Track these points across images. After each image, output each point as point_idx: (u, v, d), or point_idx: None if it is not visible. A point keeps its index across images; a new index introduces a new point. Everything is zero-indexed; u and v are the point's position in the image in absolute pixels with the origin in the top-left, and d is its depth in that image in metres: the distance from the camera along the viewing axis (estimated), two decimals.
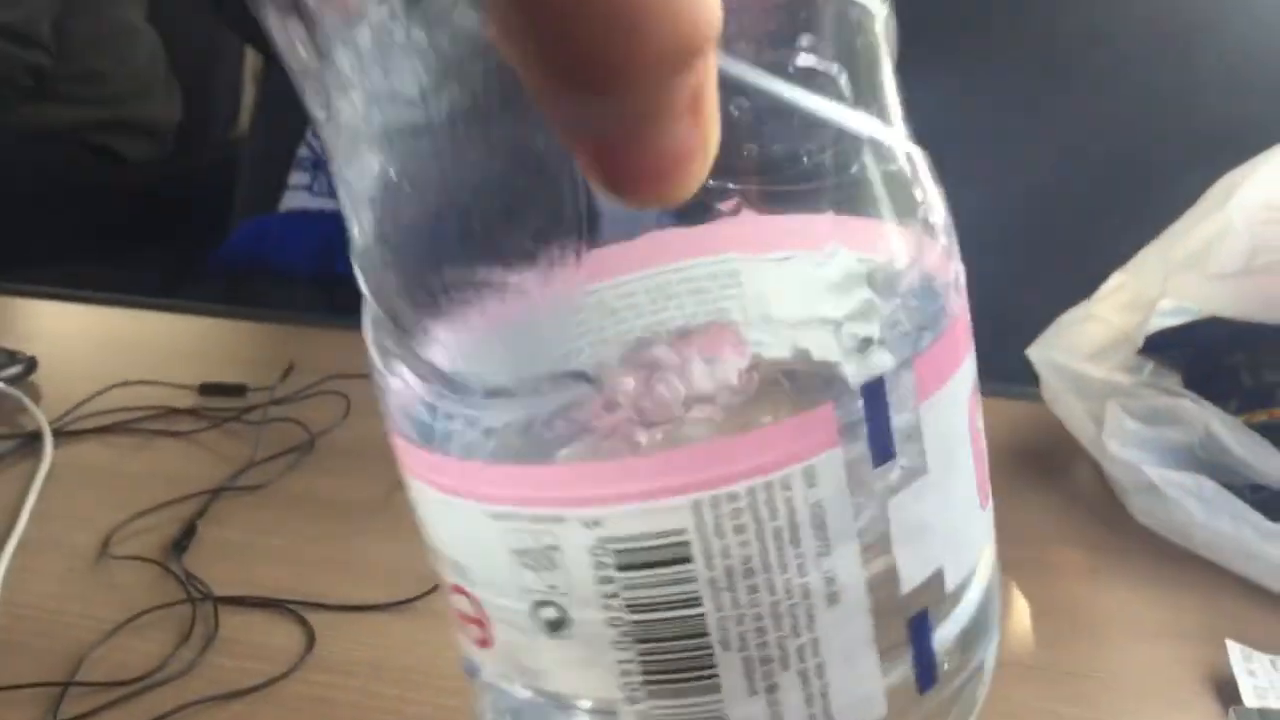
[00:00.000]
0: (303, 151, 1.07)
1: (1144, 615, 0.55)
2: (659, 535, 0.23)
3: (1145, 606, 0.56)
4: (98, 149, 1.55)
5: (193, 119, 1.65)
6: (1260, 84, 0.92)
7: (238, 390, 0.73)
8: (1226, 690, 0.49)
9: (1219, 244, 0.62)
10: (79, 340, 0.85)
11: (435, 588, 0.55)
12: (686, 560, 0.23)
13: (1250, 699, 0.48)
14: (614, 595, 0.24)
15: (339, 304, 0.83)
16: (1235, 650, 0.51)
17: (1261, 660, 0.51)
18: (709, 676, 0.24)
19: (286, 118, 1.07)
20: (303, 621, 0.53)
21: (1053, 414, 0.66)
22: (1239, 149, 0.66)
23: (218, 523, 0.61)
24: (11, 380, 0.73)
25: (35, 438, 0.68)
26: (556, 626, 0.25)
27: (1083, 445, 0.64)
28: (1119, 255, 0.68)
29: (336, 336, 0.81)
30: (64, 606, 0.54)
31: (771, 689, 0.24)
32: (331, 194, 1.01)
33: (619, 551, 0.24)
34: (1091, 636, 0.53)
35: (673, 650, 0.24)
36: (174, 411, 0.71)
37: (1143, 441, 0.62)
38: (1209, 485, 0.60)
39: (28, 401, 0.71)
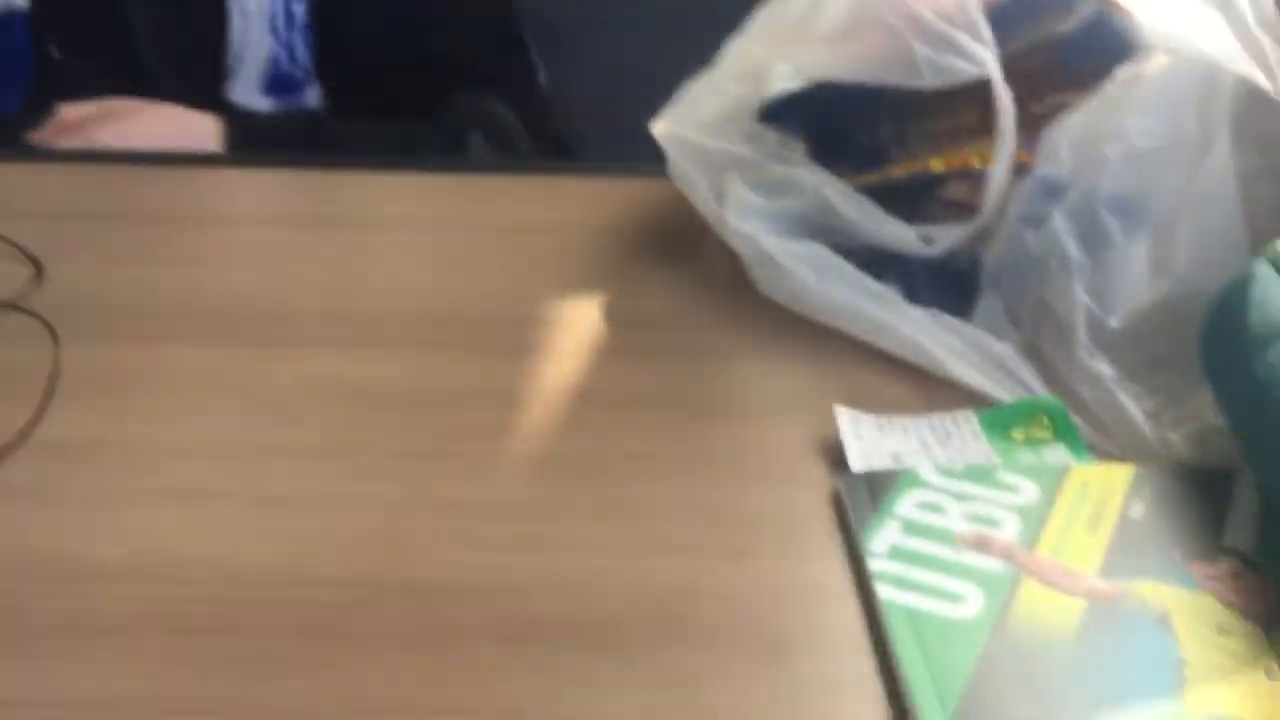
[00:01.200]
0: None
1: (761, 391, 0.55)
2: None
3: (762, 381, 0.56)
4: None
5: None
6: None
7: None
8: (835, 456, 0.50)
9: (822, 5, 0.61)
10: None
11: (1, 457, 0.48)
12: None
13: (856, 463, 0.50)
14: None
15: None
16: (844, 415, 0.52)
17: (868, 422, 0.52)
18: None
19: None
20: None
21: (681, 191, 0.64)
22: None
23: None
24: None
25: None
26: None
27: (707, 220, 0.63)
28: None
29: None
30: None
31: None
32: None
33: None
34: (707, 417, 0.53)
35: None
36: None
37: (762, 213, 0.61)
38: (822, 252, 0.60)
39: None
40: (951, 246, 0.58)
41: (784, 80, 0.63)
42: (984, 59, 0.56)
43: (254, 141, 0.84)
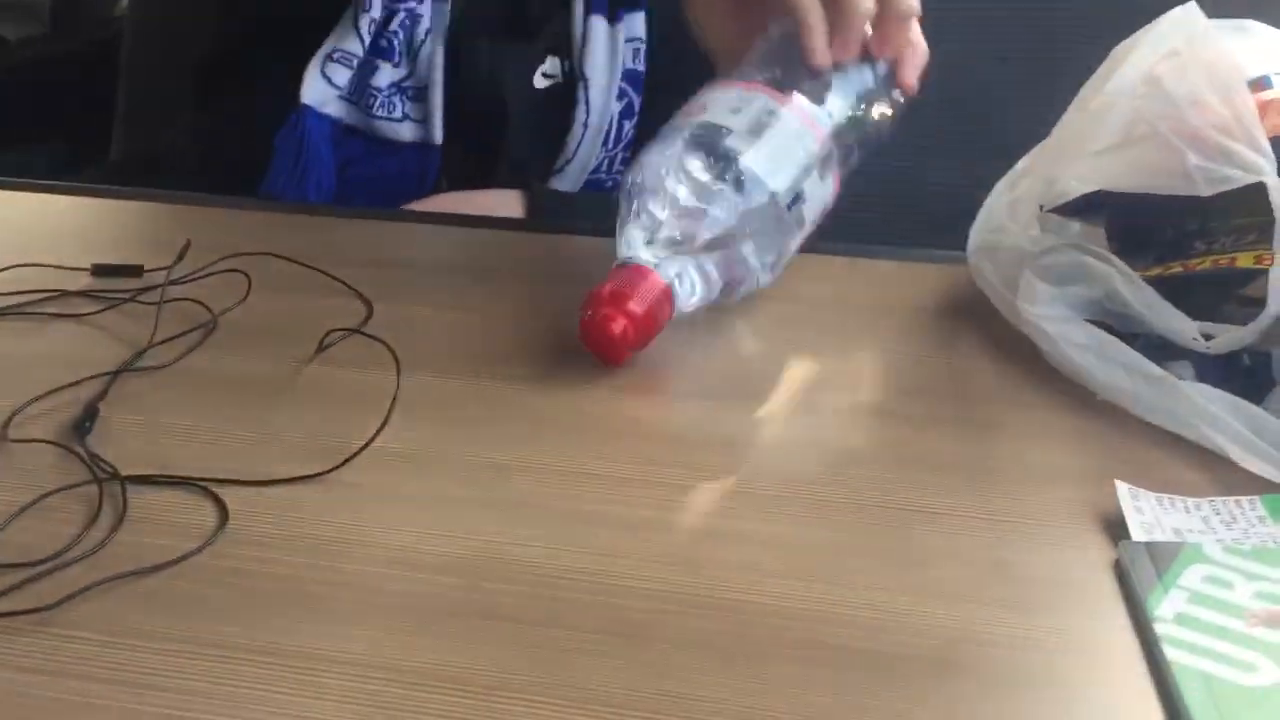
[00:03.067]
0: (350, 45, 0.88)
1: (1043, 461, 0.57)
2: None
3: (1044, 452, 0.58)
4: None
5: None
6: None
7: (133, 271, 0.70)
8: (1115, 527, 0.52)
9: (1101, 121, 0.63)
10: None
11: (347, 460, 0.55)
12: None
13: (1138, 534, 0.51)
14: None
15: None
16: (1123, 489, 0.53)
17: (1148, 498, 0.53)
18: None
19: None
20: (214, 498, 0.53)
21: None
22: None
23: (120, 404, 0.59)
24: None
25: None
26: None
27: (998, 307, 0.66)
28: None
29: (233, 215, 0.79)
30: None
31: None
32: (345, 96, 0.94)
33: None
34: (987, 480, 0.55)
35: None
36: (67, 294, 0.69)
37: (1051, 299, 0.64)
38: (1104, 337, 0.62)
39: None
40: (1231, 345, 0.59)
41: (1070, 187, 0.65)
42: (1261, 167, 0.58)
43: (553, 212, 0.91)
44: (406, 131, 0.90)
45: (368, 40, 0.88)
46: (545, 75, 0.93)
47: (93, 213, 0.83)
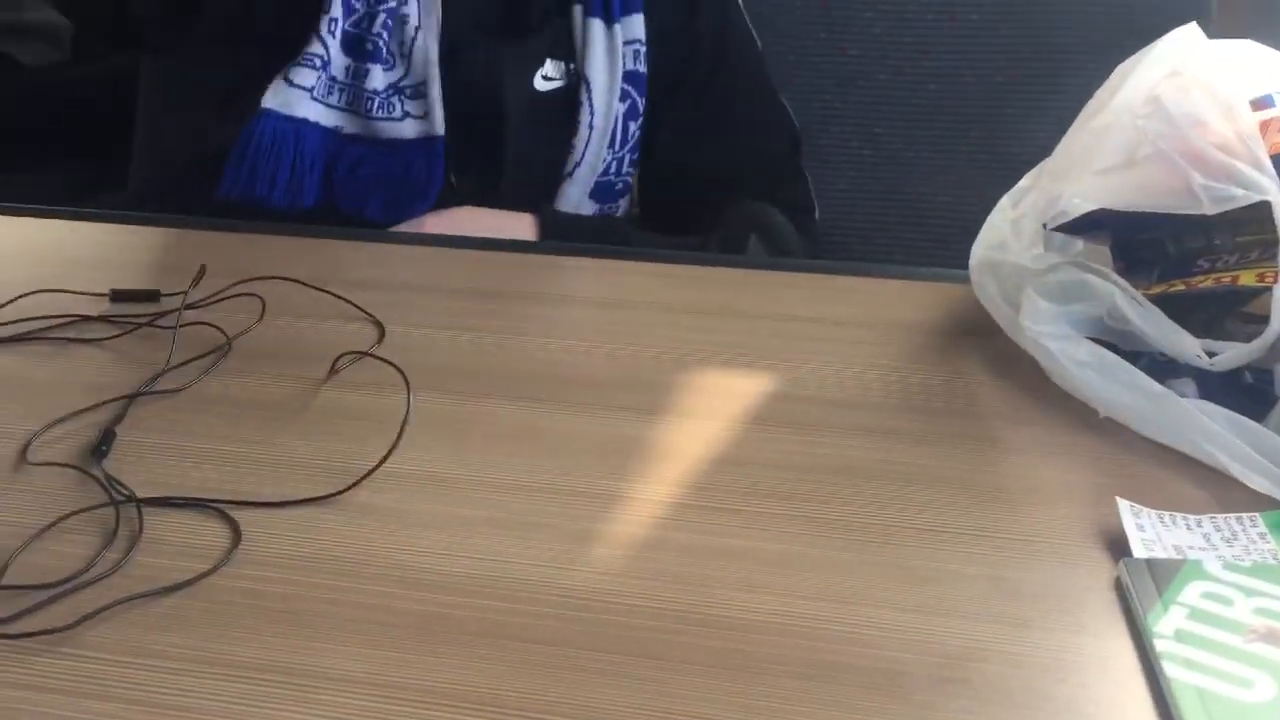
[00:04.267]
0: (314, 48, 0.89)
1: (1047, 478, 0.58)
2: None
3: (1048, 469, 0.58)
4: None
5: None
6: None
7: (150, 296, 0.72)
8: (1117, 544, 0.52)
9: (1104, 139, 0.64)
10: None
11: (358, 481, 0.56)
12: None
13: (1139, 550, 0.51)
14: None
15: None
16: (1125, 507, 0.54)
17: (1149, 515, 0.53)
18: None
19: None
20: (228, 519, 0.54)
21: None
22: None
23: (137, 428, 0.61)
24: None
25: None
26: None
27: (1001, 325, 0.67)
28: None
29: (248, 240, 0.80)
30: None
31: None
32: (327, 101, 0.94)
33: None
34: (992, 497, 0.56)
35: None
36: (85, 319, 0.70)
37: (1054, 317, 0.65)
38: (1106, 355, 0.62)
39: None
40: (1234, 363, 0.59)
41: (1072, 205, 0.66)
42: (1265, 186, 0.58)
43: (563, 235, 0.93)
44: (409, 129, 0.91)
45: (334, 40, 0.89)
46: (546, 78, 0.95)
47: (111, 239, 0.85)
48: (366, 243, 0.83)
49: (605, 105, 0.94)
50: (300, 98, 0.89)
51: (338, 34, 0.90)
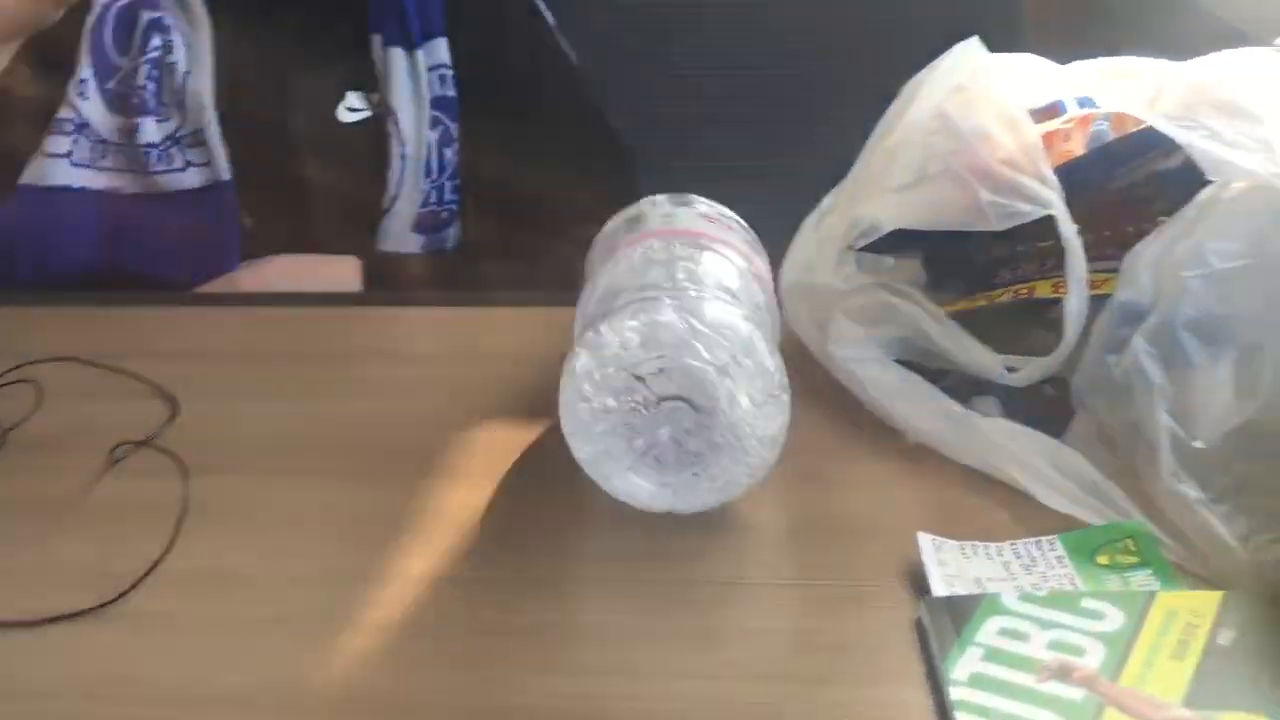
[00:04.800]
0: (64, 113, 0.87)
1: (854, 512, 0.57)
2: None
3: (854, 502, 0.57)
4: None
5: None
6: None
7: None
8: (921, 580, 0.51)
9: (895, 159, 0.63)
10: None
11: (134, 585, 0.52)
12: None
13: (939, 588, 0.50)
14: None
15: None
16: (926, 542, 0.53)
17: (951, 548, 0.53)
18: None
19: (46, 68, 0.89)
20: None
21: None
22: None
23: None
24: None
25: None
26: None
27: (810, 349, 0.66)
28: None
29: (22, 315, 0.75)
30: None
31: None
32: (97, 164, 0.90)
33: None
34: (796, 539, 0.55)
35: None
36: None
37: (861, 341, 0.64)
38: (911, 378, 0.62)
39: None
40: (1034, 377, 0.59)
41: (871, 225, 0.65)
42: (1048, 199, 0.58)
43: (386, 279, 0.90)
44: (192, 178, 0.88)
45: (88, 101, 0.86)
46: (351, 110, 0.92)
47: None
48: (165, 308, 0.79)
49: (415, 134, 0.92)
50: (56, 166, 0.86)
51: (92, 95, 0.86)
